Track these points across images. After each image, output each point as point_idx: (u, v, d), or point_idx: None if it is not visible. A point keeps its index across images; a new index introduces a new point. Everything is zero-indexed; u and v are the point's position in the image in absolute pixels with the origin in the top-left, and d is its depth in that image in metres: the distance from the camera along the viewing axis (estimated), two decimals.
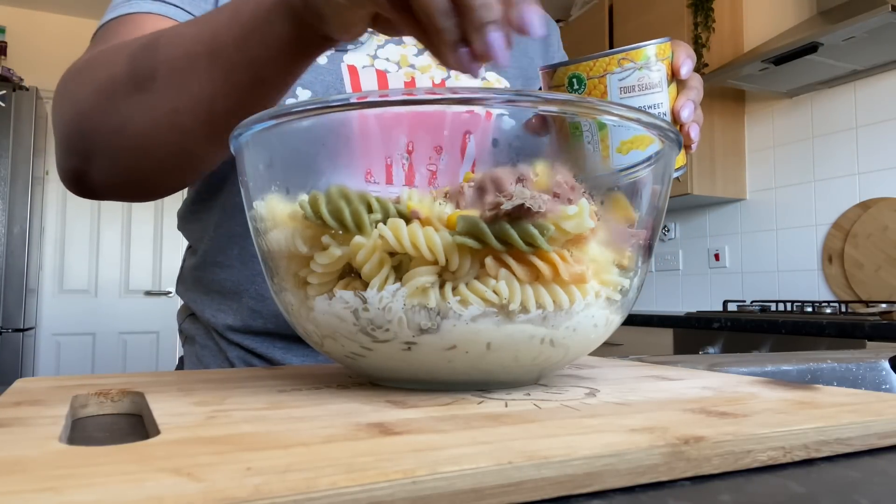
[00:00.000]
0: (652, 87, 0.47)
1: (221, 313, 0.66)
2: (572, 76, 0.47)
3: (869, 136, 2.23)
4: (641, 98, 0.47)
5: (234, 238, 0.65)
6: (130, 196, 0.55)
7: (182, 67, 0.46)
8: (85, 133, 0.50)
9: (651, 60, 0.47)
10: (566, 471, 0.21)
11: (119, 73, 0.48)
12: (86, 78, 0.50)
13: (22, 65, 3.37)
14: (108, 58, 0.50)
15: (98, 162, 0.51)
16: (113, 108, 0.48)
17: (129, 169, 0.51)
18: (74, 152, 0.52)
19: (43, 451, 0.22)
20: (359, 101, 0.32)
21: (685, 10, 2.55)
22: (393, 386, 0.37)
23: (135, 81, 0.47)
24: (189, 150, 0.49)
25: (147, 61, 0.47)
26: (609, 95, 0.46)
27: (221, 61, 0.45)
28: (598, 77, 0.46)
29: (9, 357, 2.90)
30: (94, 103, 0.49)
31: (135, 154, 0.50)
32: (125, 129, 0.49)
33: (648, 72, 0.47)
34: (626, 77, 0.46)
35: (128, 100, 0.48)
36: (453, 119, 0.34)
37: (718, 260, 2.73)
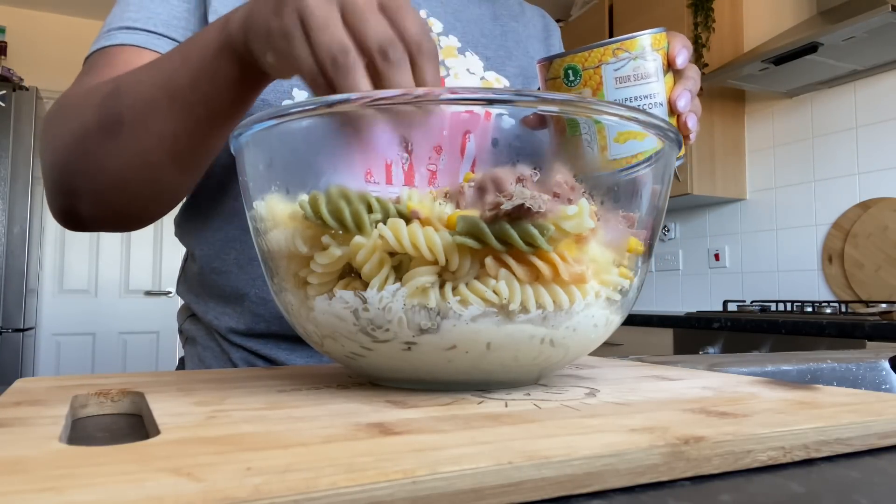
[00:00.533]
0: (647, 77, 0.46)
1: (225, 316, 0.66)
2: (567, 67, 0.47)
3: (869, 136, 2.23)
4: (637, 88, 0.46)
5: (229, 243, 0.65)
6: (119, 227, 0.60)
7: (144, 111, 0.50)
8: (67, 175, 0.55)
9: (646, 50, 0.46)
10: (566, 471, 0.21)
11: (89, 121, 0.53)
12: (61, 125, 0.56)
13: (22, 65, 3.37)
14: (78, 106, 0.55)
15: (83, 200, 0.56)
16: (88, 153, 0.53)
17: (110, 204, 0.56)
18: (61, 192, 0.57)
19: (43, 451, 0.22)
20: (358, 101, 0.32)
21: (685, 10, 2.55)
22: (393, 386, 0.37)
23: (104, 128, 0.52)
24: (161, 182, 0.55)
25: (112, 108, 0.52)
26: (604, 86, 0.46)
27: (178, 102, 0.49)
28: (593, 68, 0.46)
29: (9, 357, 2.90)
30: (72, 150, 0.54)
31: (113, 191, 0.55)
32: (101, 171, 0.53)
33: (644, 62, 0.46)
34: (622, 67, 0.46)
35: (100, 145, 0.53)
36: (453, 119, 0.34)
37: (718, 260, 2.73)
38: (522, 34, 0.79)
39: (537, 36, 0.82)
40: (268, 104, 0.60)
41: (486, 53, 0.73)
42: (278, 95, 0.61)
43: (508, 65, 0.74)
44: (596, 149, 0.36)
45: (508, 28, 0.78)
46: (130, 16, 0.61)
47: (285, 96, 0.61)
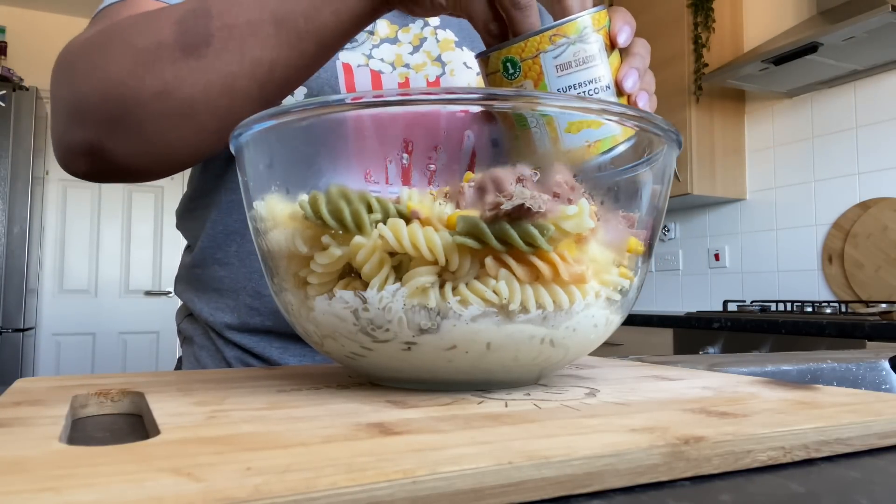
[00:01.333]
0: (589, 61, 0.44)
1: (219, 311, 0.66)
2: (505, 60, 0.44)
3: (869, 136, 2.23)
4: (580, 73, 0.44)
5: (231, 235, 0.65)
6: (145, 170, 0.53)
7: (243, 35, 0.46)
8: (114, 100, 0.48)
9: (585, 33, 0.44)
10: (566, 471, 0.21)
11: (164, 38, 0.47)
12: (115, 46, 0.49)
13: (22, 65, 3.37)
14: (143, 25, 0.49)
15: (122, 131, 0.49)
16: (156, 73, 0.47)
17: (160, 136, 0.50)
18: (91, 123, 0.50)
19: (43, 451, 0.22)
20: (358, 102, 0.32)
21: (685, 10, 2.55)
22: (393, 386, 0.37)
23: (185, 47, 0.47)
24: (235, 113, 0.49)
25: (199, 27, 0.47)
26: (545, 75, 0.44)
27: (287, 29, 0.46)
28: (531, 58, 0.44)
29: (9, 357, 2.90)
30: (130, 70, 0.48)
31: (176, 120, 0.49)
32: (170, 94, 0.48)
33: (584, 45, 0.44)
34: (561, 54, 0.43)
35: (175, 65, 0.47)
36: (452, 119, 0.34)
37: (718, 260, 2.73)
38: None
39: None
40: None
41: (482, 48, 0.72)
42: None
43: None
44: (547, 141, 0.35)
45: None
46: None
47: None
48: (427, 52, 0.68)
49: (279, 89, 0.49)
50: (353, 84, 0.63)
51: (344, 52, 0.64)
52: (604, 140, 0.37)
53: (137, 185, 3.74)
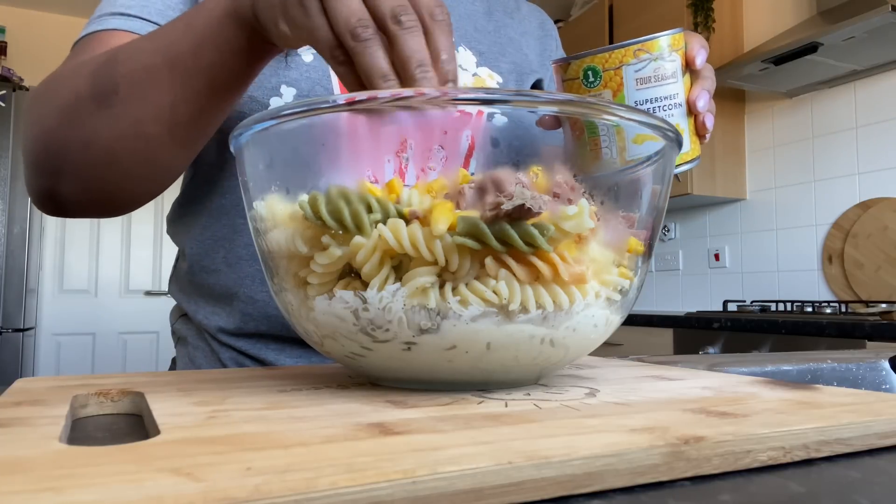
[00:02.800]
0: (667, 78, 0.47)
1: (214, 316, 0.65)
2: (587, 68, 0.46)
3: (869, 136, 2.23)
4: (657, 89, 0.46)
5: (219, 241, 0.65)
6: (100, 211, 0.57)
7: (142, 79, 0.48)
8: (52, 151, 0.52)
9: (665, 51, 0.46)
10: (566, 471, 0.21)
11: (81, 90, 0.50)
12: (50, 97, 0.53)
13: (22, 65, 3.37)
14: (69, 77, 0.52)
15: (67, 178, 0.53)
16: (78, 124, 0.50)
17: (97, 182, 0.53)
18: (42, 171, 0.54)
19: (43, 451, 0.22)
20: (357, 102, 0.32)
21: (685, 10, 2.55)
22: (393, 386, 0.37)
23: (97, 98, 0.49)
24: (154, 158, 0.52)
25: (107, 77, 0.49)
26: (625, 87, 0.46)
27: (179, 70, 0.47)
28: (613, 69, 0.46)
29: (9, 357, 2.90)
30: (59, 121, 0.51)
31: (102, 166, 0.51)
32: (91, 144, 0.50)
33: (663, 62, 0.46)
34: (642, 68, 0.46)
35: (92, 115, 0.50)
36: (454, 119, 0.34)
37: (718, 260, 2.73)
38: (517, 30, 0.78)
39: (533, 33, 0.81)
40: (255, 101, 0.60)
41: (479, 49, 0.72)
42: (266, 92, 0.60)
43: (502, 61, 0.74)
44: (615, 150, 0.36)
45: (502, 24, 0.77)
46: (124, 2, 0.59)
47: (273, 93, 0.60)
48: None
49: (189, 132, 0.51)
50: None
51: None
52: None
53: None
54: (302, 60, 0.62)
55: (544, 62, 0.81)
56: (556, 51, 0.84)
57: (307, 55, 0.62)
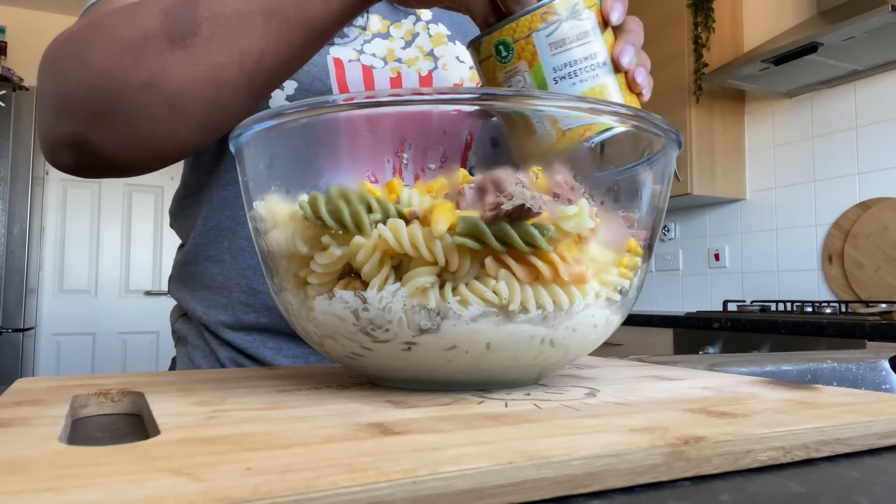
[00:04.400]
0: (583, 38, 0.43)
1: (213, 309, 0.66)
2: (498, 43, 0.43)
3: (869, 136, 2.23)
4: (575, 51, 0.43)
5: (223, 232, 0.65)
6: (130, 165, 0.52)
7: (230, 24, 0.46)
8: (100, 93, 0.48)
9: (577, 9, 0.43)
10: (566, 471, 0.21)
11: (150, 27, 0.47)
12: (101, 38, 0.48)
13: (22, 65, 3.37)
14: (129, 16, 0.48)
15: (107, 125, 0.49)
16: (142, 64, 0.47)
17: (146, 128, 0.49)
18: (77, 116, 0.49)
19: (43, 451, 0.22)
20: (357, 102, 0.32)
21: (685, 10, 2.55)
22: (393, 386, 0.37)
23: (172, 37, 0.46)
24: (223, 105, 0.49)
25: (187, 17, 0.46)
26: (539, 55, 0.43)
27: (277, 20, 0.45)
28: (524, 38, 0.43)
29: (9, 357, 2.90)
30: (116, 60, 0.47)
31: (161, 109, 0.48)
32: (157, 86, 0.47)
33: (577, 21, 0.43)
34: (554, 31, 0.42)
35: (162, 54, 0.46)
36: (453, 118, 0.34)
37: (718, 260, 2.73)
38: None
39: None
40: None
41: None
42: None
43: None
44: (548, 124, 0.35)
45: None
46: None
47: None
48: (419, 47, 0.67)
49: (268, 80, 0.49)
50: (345, 79, 0.63)
51: (335, 48, 0.63)
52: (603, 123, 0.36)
53: (137, 185, 3.74)
54: None
55: None
56: None
57: None
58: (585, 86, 0.43)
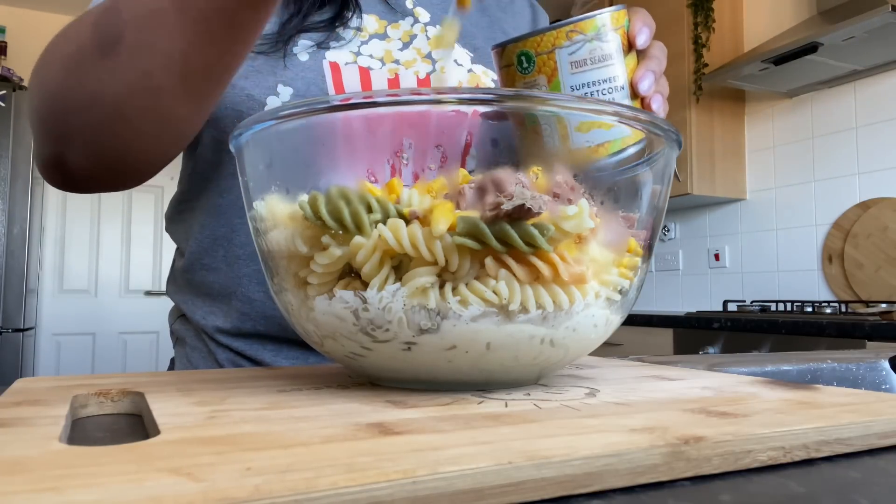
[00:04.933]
0: (605, 60, 0.43)
1: (212, 315, 0.65)
2: (521, 53, 0.44)
3: (869, 136, 2.23)
4: (594, 72, 0.43)
5: (218, 240, 0.64)
6: (109, 180, 0.53)
7: (148, 25, 0.44)
8: (57, 113, 0.48)
9: (603, 31, 0.43)
10: (566, 471, 0.21)
11: (84, 41, 0.46)
12: (53, 56, 0.49)
13: (22, 65, 3.37)
14: (72, 31, 0.48)
15: (74, 143, 0.49)
16: (82, 80, 0.46)
17: (106, 144, 0.48)
18: (49, 137, 0.50)
19: (43, 451, 0.22)
20: (357, 102, 0.32)
21: (685, 10, 2.55)
22: (393, 386, 0.37)
23: (101, 48, 0.45)
24: (166, 113, 0.47)
25: (110, 26, 0.45)
26: (559, 71, 0.43)
27: (191, 12, 0.43)
28: (546, 53, 0.43)
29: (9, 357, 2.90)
30: (63, 80, 0.47)
31: (110, 124, 0.47)
32: (97, 101, 0.46)
33: (601, 43, 0.43)
34: (577, 50, 0.43)
35: (96, 67, 0.45)
36: (452, 119, 0.34)
37: (718, 260, 2.73)
38: (510, 24, 0.79)
39: (527, 26, 0.81)
40: (253, 99, 0.60)
41: (473, 43, 0.72)
42: (263, 91, 0.60)
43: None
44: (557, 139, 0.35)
45: (496, 18, 0.77)
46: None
47: (270, 92, 0.60)
48: (417, 49, 0.67)
49: (204, 82, 0.46)
50: (342, 82, 0.63)
51: (331, 51, 0.63)
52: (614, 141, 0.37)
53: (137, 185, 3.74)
54: (298, 60, 0.62)
55: None
56: None
57: (303, 55, 0.62)
58: None
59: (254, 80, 0.60)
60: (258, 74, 0.60)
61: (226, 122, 0.60)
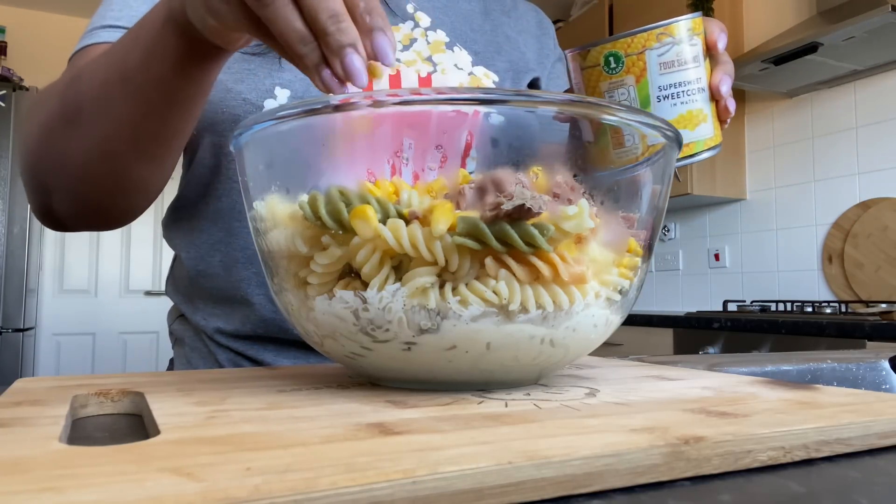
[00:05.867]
0: (689, 62, 0.46)
1: (213, 317, 0.65)
2: (609, 55, 0.46)
3: (869, 136, 2.23)
4: (681, 73, 0.46)
5: (215, 246, 0.64)
6: (96, 225, 0.58)
7: (101, 96, 0.48)
8: (37, 173, 0.54)
9: (686, 35, 0.46)
10: (566, 471, 0.21)
11: (53, 110, 0.51)
12: (32, 118, 0.54)
13: (22, 65, 3.37)
14: (46, 97, 0.53)
15: (55, 196, 0.54)
16: (52, 144, 0.52)
17: (82, 198, 0.54)
18: (34, 189, 0.55)
19: (43, 451, 0.22)
20: (356, 102, 0.32)
21: (685, 10, 2.55)
22: (393, 386, 0.37)
23: (66, 117, 0.50)
24: (125, 174, 0.52)
25: (73, 96, 0.50)
26: (649, 72, 0.45)
27: (132, 84, 0.47)
28: (636, 53, 0.45)
29: (9, 357, 2.90)
30: (37, 142, 0.53)
31: (81, 185, 0.52)
32: (66, 164, 0.51)
33: (685, 46, 0.46)
34: (666, 52, 0.45)
35: (63, 135, 0.50)
36: (453, 119, 0.34)
37: (718, 260, 2.73)
38: (514, 29, 0.78)
39: (531, 31, 0.81)
40: (249, 103, 0.60)
41: (474, 48, 0.72)
42: (260, 94, 0.60)
43: (498, 59, 0.74)
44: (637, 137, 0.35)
45: (499, 23, 0.77)
46: (113, 14, 0.60)
47: (268, 95, 0.60)
48: (417, 52, 0.67)
49: (155, 146, 0.50)
50: None
51: None
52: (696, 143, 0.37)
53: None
54: None
55: (542, 61, 0.80)
56: (554, 49, 0.84)
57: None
58: (684, 108, 0.46)
59: (249, 83, 0.60)
60: (253, 77, 0.60)
61: (223, 126, 0.60)
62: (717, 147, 0.49)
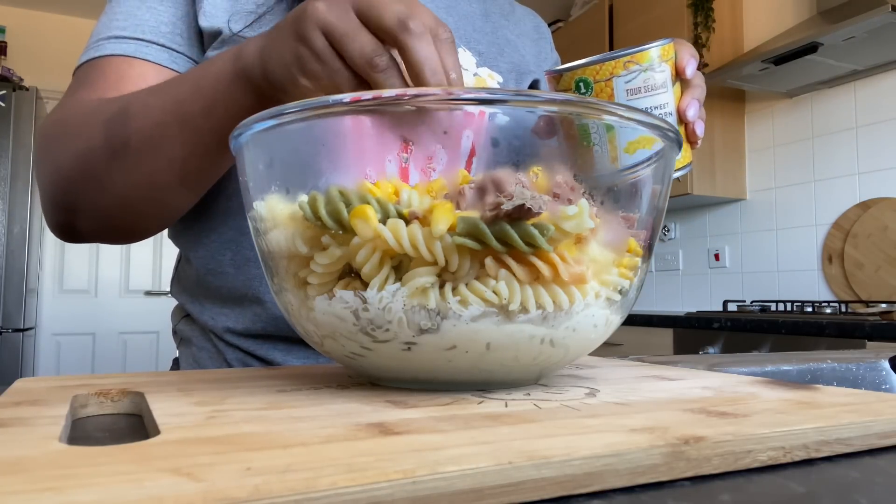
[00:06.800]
0: (657, 88, 0.47)
1: (222, 317, 0.65)
2: (579, 80, 0.47)
3: (869, 136, 2.23)
4: (647, 99, 0.47)
5: (225, 244, 0.64)
6: (117, 240, 0.61)
7: (154, 136, 0.51)
8: (68, 194, 0.56)
9: (655, 62, 0.47)
10: (566, 471, 0.21)
11: (94, 141, 0.53)
12: (64, 143, 0.56)
13: (22, 65, 3.37)
14: (82, 125, 0.55)
15: (83, 216, 0.57)
16: (93, 172, 0.54)
17: (112, 220, 0.57)
18: (60, 208, 0.57)
19: (43, 451, 0.22)
20: (357, 102, 0.32)
21: (685, 10, 2.55)
22: (393, 386, 0.37)
23: (111, 150, 0.53)
24: (165, 202, 0.56)
25: (119, 131, 0.52)
26: (616, 98, 0.47)
27: (190, 128, 0.50)
28: (604, 80, 0.47)
29: (9, 357, 2.90)
30: (74, 168, 0.55)
31: (117, 209, 0.56)
32: (106, 191, 0.54)
33: (653, 73, 0.47)
34: (632, 79, 0.46)
35: (107, 165, 0.53)
36: (454, 119, 0.34)
37: (718, 260, 2.73)
38: (513, 31, 0.79)
39: (529, 35, 0.82)
40: None
41: (478, 49, 0.72)
42: None
43: (500, 61, 0.74)
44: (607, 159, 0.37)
45: (499, 25, 0.77)
46: (118, 24, 0.61)
47: None
48: None
49: (200, 180, 0.55)
50: None
51: None
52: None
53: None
54: None
55: (540, 64, 0.81)
56: (551, 53, 0.85)
57: None
58: None
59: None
60: None
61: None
62: (687, 167, 0.51)
